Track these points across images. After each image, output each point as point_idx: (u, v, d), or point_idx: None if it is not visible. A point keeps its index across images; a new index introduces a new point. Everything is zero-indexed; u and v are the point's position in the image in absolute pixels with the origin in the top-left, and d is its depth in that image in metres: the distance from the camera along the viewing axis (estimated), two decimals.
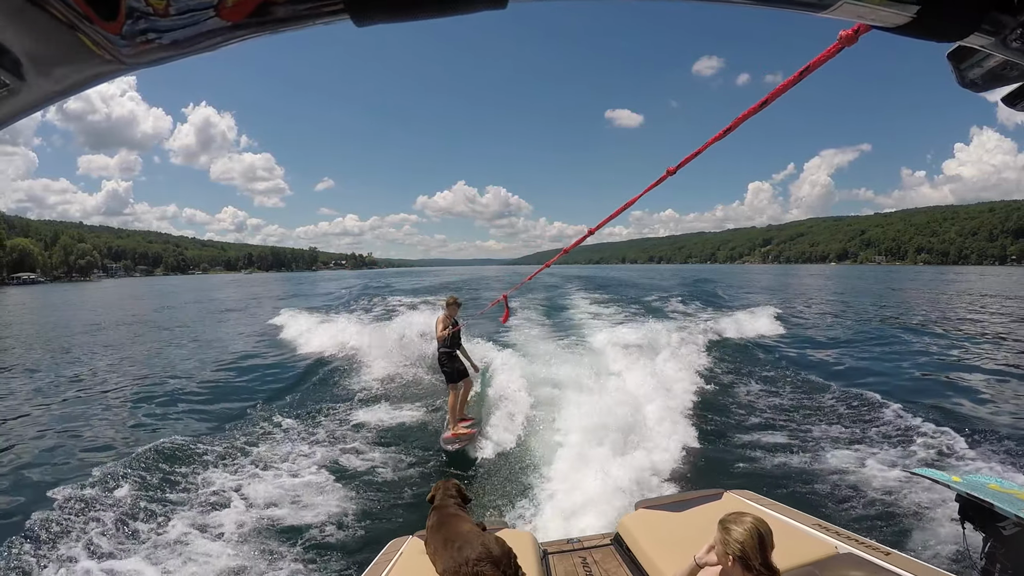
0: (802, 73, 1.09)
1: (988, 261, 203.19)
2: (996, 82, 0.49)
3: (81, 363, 13.19)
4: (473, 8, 0.33)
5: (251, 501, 4.76)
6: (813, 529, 2.58)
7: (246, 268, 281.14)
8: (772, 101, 1.22)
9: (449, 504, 2.73)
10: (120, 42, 0.31)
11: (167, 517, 4.45)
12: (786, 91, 1.17)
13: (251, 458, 5.74)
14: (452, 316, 6.30)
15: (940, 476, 2.98)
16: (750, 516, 1.79)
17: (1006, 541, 2.60)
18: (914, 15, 0.37)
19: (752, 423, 6.89)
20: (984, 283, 48.40)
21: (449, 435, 6.10)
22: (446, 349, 6.23)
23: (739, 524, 1.77)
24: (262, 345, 15.02)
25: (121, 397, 9.41)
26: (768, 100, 1.22)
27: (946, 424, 6.47)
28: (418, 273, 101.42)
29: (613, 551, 2.91)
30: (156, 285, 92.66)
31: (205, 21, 0.30)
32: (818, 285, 48.36)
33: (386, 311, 20.33)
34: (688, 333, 11.89)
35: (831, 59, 1.00)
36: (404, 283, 43.65)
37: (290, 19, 0.31)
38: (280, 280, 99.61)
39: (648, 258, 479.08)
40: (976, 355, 12.08)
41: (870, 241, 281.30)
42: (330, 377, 9.60)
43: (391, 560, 2.62)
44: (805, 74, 1.09)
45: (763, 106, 1.25)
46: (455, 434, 6.07)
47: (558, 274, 46.54)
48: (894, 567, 2.15)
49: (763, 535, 1.74)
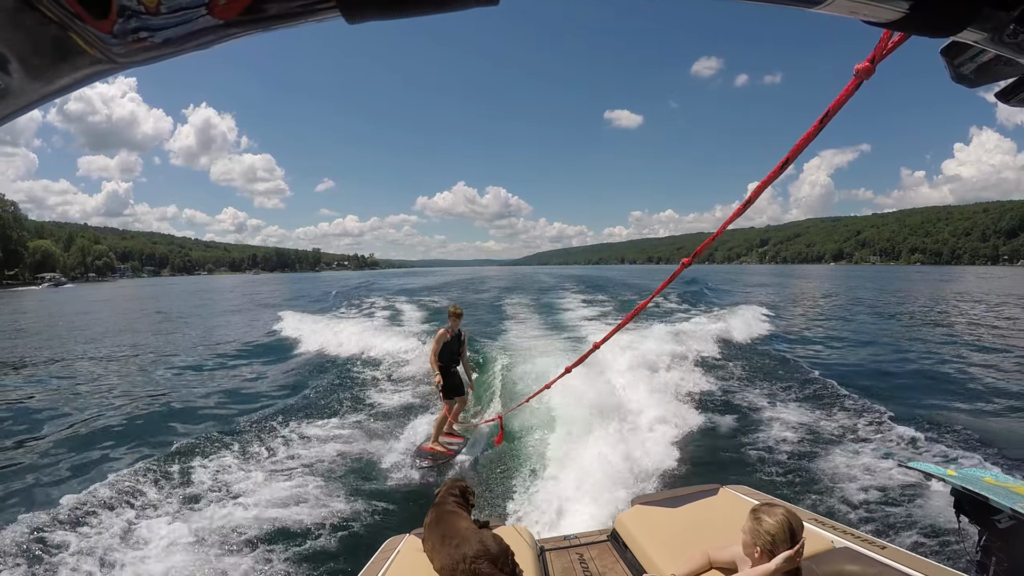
0: (823, 120, 1.03)
1: (980, 261, 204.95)
2: (990, 77, 0.49)
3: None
4: (464, 4, 0.32)
5: (246, 500, 4.73)
6: (809, 524, 2.58)
7: (250, 269, 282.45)
8: (794, 159, 1.14)
9: (448, 502, 2.72)
10: (112, 41, 0.31)
11: (160, 518, 4.41)
12: (809, 143, 1.08)
13: (248, 458, 5.71)
14: (454, 328, 5.88)
15: (935, 470, 3.00)
16: (782, 507, 1.75)
17: (1001, 534, 2.62)
18: (907, 10, 0.37)
19: (748, 419, 6.91)
20: (985, 284, 48.74)
21: (427, 447, 5.70)
22: (442, 363, 5.83)
23: (771, 515, 1.72)
24: (263, 345, 14.98)
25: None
26: (790, 159, 1.14)
27: (941, 418, 6.54)
28: (420, 273, 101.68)
29: (610, 547, 2.91)
30: (174, 285, 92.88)
31: (197, 19, 0.30)
32: (814, 284, 48.64)
33: (388, 311, 20.35)
34: (682, 330, 11.94)
35: (851, 97, 0.94)
36: (408, 283, 44.31)
37: (282, 16, 0.31)
38: (290, 280, 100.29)
39: (647, 258, 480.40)
40: (971, 351, 12.19)
41: (865, 241, 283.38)
42: (330, 377, 9.57)
43: (388, 558, 2.60)
44: (826, 120, 1.03)
45: (785, 166, 1.16)
46: (432, 448, 5.66)
47: (556, 274, 46.63)
48: (890, 561, 2.15)
49: (794, 528, 1.70)
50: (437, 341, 5.80)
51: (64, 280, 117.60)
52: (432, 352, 5.80)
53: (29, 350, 15.88)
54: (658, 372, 8.40)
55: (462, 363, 6.08)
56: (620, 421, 6.12)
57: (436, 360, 5.76)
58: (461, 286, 40.11)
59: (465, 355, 6.13)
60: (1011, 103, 0.52)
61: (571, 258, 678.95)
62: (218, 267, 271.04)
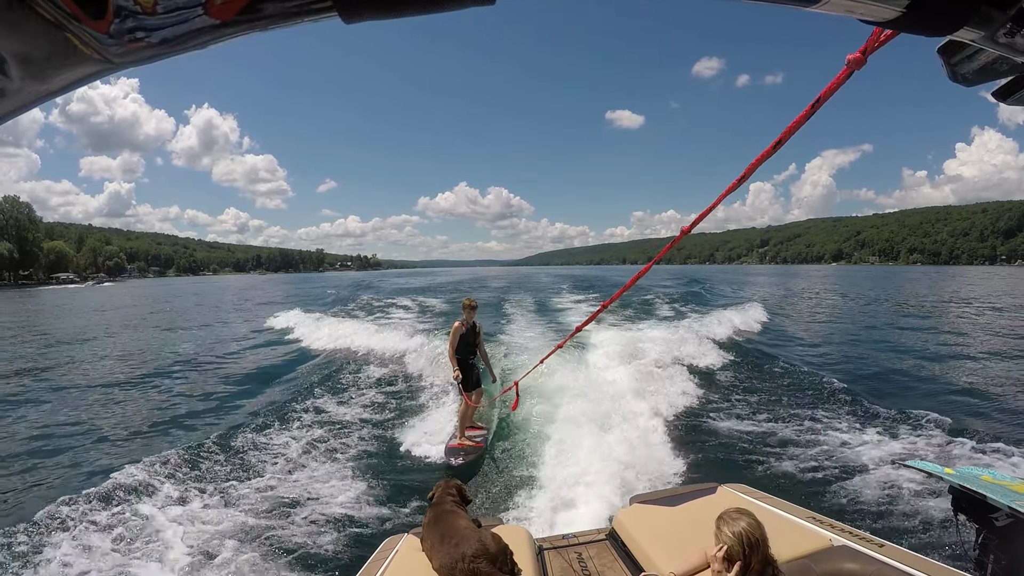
0: (814, 105, 1.07)
1: (979, 261, 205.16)
2: (987, 76, 0.48)
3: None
4: (461, 4, 0.32)
5: (244, 500, 4.73)
6: (807, 522, 2.58)
7: (255, 269, 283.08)
8: (786, 140, 1.19)
9: (446, 501, 2.72)
10: (108, 41, 0.31)
11: (159, 518, 4.40)
12: (800, 126, 1.13)
13: (248, 458, 5.71)
14: (469, 320, 5.87)
15: (933, 468, 3.00)
16: (745, 519, 1.77)
17: (999, 532, 2.62)
18: (904, 9, 0.37)
19: (746, 417, 6.92)
20: (985, 284, 48.76)
21: (455, 444, 5.72)
22: (459, 356, 5.81)
23: (731, 525, 1.75)
24: (264, 344, 14.99)
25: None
26: (782, 140, 1.20)
27: (939, 416, 6.55)
28: (422, 274, 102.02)
29: (608, 546, 2.91)
30: (187, 285, 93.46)
31: (194, 19, 0.30)
32: (813, 284, 48.64)
33: (392, 310, 20.37)
34: (681, 331, 11.95)
35: (842, 85, 0.96)
36: (411, 283, 44.82)
37: (278, 16, 0.31)
38: (299, 280, 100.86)
39: (647, 259, 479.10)
40: (969, 350, 12.21)
41: (864, 242, 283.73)
42: (332, 377, 9.56)
43: (387, 558, 2.61)
44: (817, 106, 1.07)
45: (777, 147, 1.22)
46: (461, 444, 5.70)
47: (555, 274, 46.74)
48: (888, 559, 2.16)
49: (752, 542, 1.72)
50: (453, 335, 5.79)
51: (106, 278, 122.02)
52: (450, 346, 5.80)
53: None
54: (656, 372, 8.41)
55: (479, 354, 6.06)
56: (620, 421, 6.12)
57: (453, 353, 5.77)
58: (467, 285, 40.46)
59: (482, 346, 6.11)
60: (1008, 102, 0.51)
61: (573, 258, 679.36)
62: (223, 267, 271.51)
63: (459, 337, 5.78)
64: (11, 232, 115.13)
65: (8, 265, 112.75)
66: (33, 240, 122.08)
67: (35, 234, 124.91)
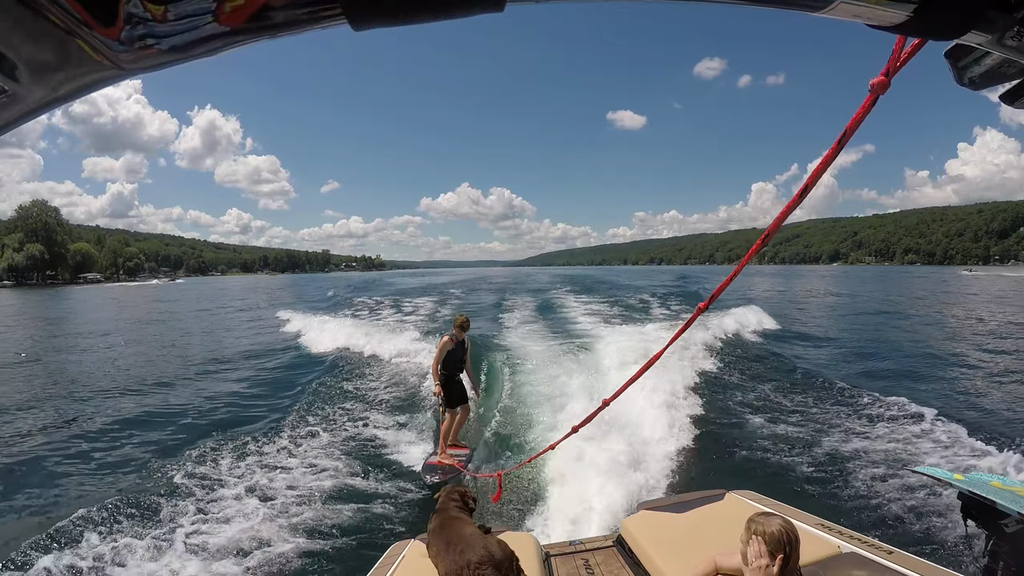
0: (840, 141, 1.00)
1: (972, 261, 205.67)
2: (994, 80, 0.49)
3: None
4: (469, 11, 0.32)
5: (252, 507, 4.71)
6: (816, 529, 2.56)
7: (262, 270, 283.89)
8: (813, 185, 1.10)
9: (450, 507, 2.70)
10: (119, 48, 0.31)
11: (167, 522, 4.40)
12: (829, 164, 1.04)
13: (253, 464, 5.69)
14: (458, 338, 5.64)
15: (942, 474, 2.98)
16: (779, 518, 1.75)
17: (1009, 539, 2.60)
18: (911, 13, 0.37)
19: (753, 423, 6.89)
20: (985, 284, 48.86)
21: (434, 460, 5.53)
22: (445, 372, 5.63)
23: (767, 523, 1.72)
24: (268, 347, 14.92)
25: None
26: (809, 185, 1.10)
27: (948, 422, 6.50)
28: (425, 274, 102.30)
29: (615, 553, 2.89)
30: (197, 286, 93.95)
31: (203, 27, 0.30)
32: (814, 285, 48.70)
33: (395, 311, 20.32)
34: (683, 334, 11.89)
35: (868, 114, 0.91)
36: (412, 283, 45.75)
37: (288, 24, 0.31)
38: (308, 280, 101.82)
39: (649, 260, 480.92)
40: (977, 353, 12.18)
41: (861, 242, 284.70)
42: (334, 381, 9.51)
43: (393, 564, 2.59)
44: (844, 140, 0.99)
45: (805, 193, 1.13)
46: (440, 462, 5.49)
47: (555, 274, 46.77)
48: (897, 566, 2.14)
49: (790, 540, 1.69)
50: (440, 350, 5.62)
51: (176, 275, 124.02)
52: (434, 360, 5.62)
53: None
54: (661, 377, 8.35)
55: (466, 371, 5.86)
56: (626, 428, 6.06)
57: (437, 369, 5.59)
58: (469, 285, 40.52)
59: (468, 363, 5.87)
60: (1016, 105, 0.51)
61: (575, 259, 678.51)
62: (231, 268, 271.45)
63: (446, 353, 5.58)
64: (41, 234, 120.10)
65: (39, 266, 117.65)
66: (61, 242, 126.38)
67: (63, 236, 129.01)
